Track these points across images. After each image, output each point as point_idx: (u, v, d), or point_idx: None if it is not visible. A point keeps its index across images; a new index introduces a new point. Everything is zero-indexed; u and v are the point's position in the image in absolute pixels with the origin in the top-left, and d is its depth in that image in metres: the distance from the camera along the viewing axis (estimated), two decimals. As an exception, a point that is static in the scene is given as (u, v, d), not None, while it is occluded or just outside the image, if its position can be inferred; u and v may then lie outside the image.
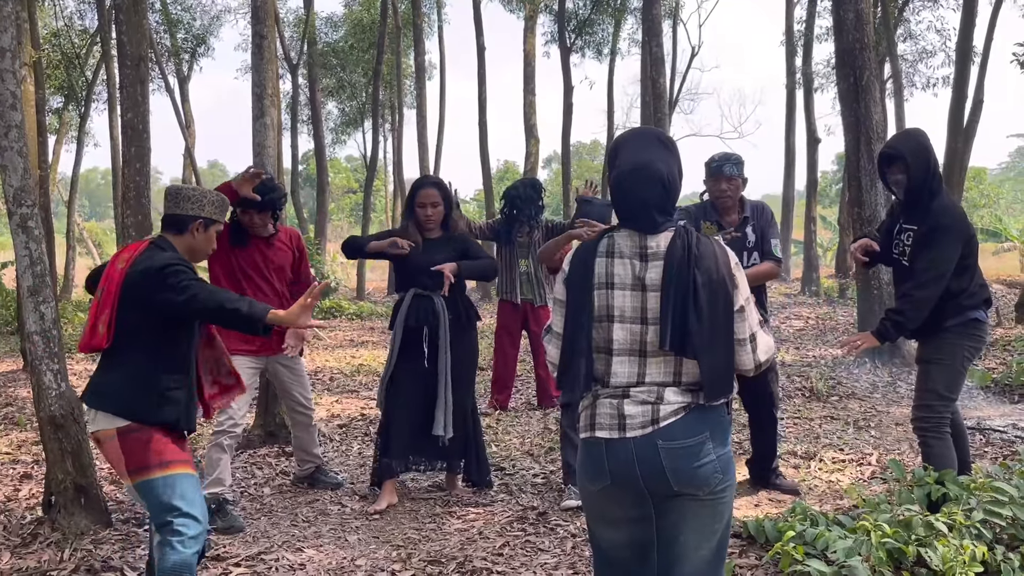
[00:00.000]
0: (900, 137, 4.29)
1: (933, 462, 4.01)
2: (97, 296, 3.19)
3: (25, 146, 4.41)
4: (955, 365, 4.06)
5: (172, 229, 3.33)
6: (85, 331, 3.22)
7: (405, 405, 4.78)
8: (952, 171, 14.77)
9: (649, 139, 2.45)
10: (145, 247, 3.25)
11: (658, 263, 2.31)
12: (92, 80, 21.20)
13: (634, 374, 2.34)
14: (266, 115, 6.43)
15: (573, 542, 4.18)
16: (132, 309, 3.13)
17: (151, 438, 3.12)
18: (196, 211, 3.31)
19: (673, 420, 2.30)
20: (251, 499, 5.02)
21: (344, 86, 26.32)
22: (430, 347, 4.77)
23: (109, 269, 3.24)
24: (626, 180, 2.36)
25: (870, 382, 8.08)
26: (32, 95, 10.57)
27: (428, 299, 4.80)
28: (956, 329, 4.03)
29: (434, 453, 4.86)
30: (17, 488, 5.27)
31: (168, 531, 3.09)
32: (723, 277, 2.29)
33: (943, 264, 3.94)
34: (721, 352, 2.30)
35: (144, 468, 3.10)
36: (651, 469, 2.29)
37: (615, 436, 2.33)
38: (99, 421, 3.15)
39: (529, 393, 7.82)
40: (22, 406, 7.69)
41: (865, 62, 8.73)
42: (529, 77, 19.33)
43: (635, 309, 2.33)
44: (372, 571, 3.90)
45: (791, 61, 20.55)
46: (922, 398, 4.11)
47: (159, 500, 3.11)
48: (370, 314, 15.81)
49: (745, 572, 3.72)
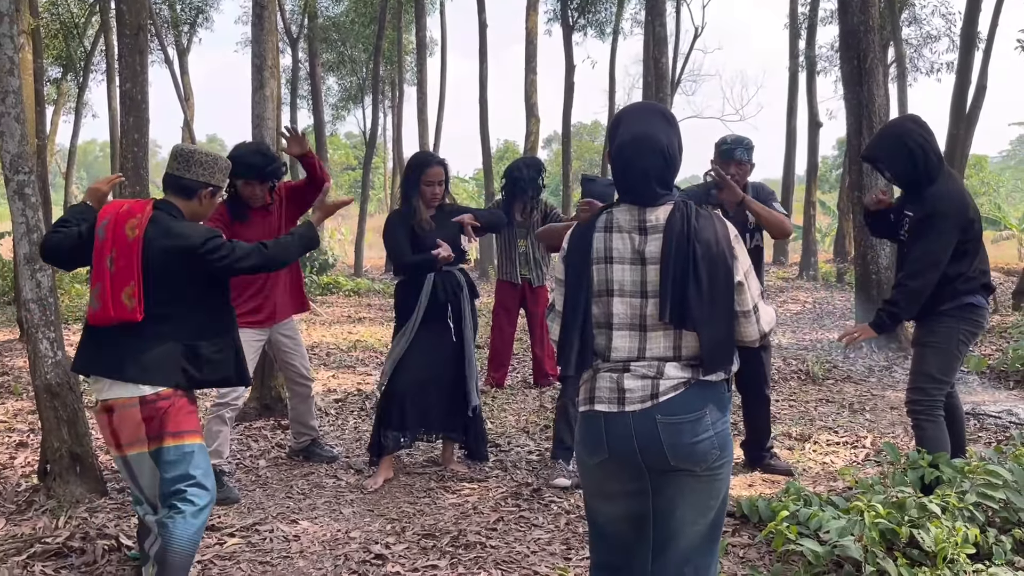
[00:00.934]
0: (875, 138, 4.27)
1: (926, 445, 4.01)
2: (108, 266, 3.08)
3: (22, 112, 4.37)
4: (950, 349, 4.05)
5: (179, 193, 3.25)
6: (101, 303, 3.08)
7: (420, 381, 4.76)
8: (953, 158, 14.75)
9: (651, 112, 2.44)
10: (153, 213, 3.15)
11: (657, 236, 2.30)
12: (91, 50, 21.07)
13: (635, 348, 2.33)
14: (265, 87, 6.39)
15: (567, 518, 4.19)
16: (169, 283, 3.09)
17: (173, 405, 3.10)
18: (207, 178, 3.25)
19: (673, 395, 2.29)
20: (246, 471, 5.04)
21: (344, 61, 26.15)
22: (455, 322, 4.81)
23: (116, 234, 3.10)
24: (627, 149, 2.35)
25: (866, 366, 8.10)
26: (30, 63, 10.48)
27: (450, 275, 4.82)
28: (952, 313, 4.01)
29: (438, 425, 4.86)
30: (13, 456, 5.28)
31: (181, 499, 3.08)
32: (723, 250, 2.28)
33: (936, 253, 3.92)
34: (721, 325, 2.29)
35: (162, 436, 3.08)
36: (649, 443, 2.29)
37: (614, 410, 2.33)
38: (115, 390, 3.10)
39: (525, 372, 7.83)
40: (18, 375, 7.69)
41: (869, 45, 8.68)
42: (531, 55, 19.17)
43: (635, 283, 2.32)
44: (366, 543, 3.91)
45: (794, 43, 20.42)
46: (916, 381, 4.12)
47: (175, 469, 3.09)
48: (367, 291, 15.80)
49: (738, 550, 3.74)
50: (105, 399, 3.13)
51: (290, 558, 3.78)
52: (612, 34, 23.03)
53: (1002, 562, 3.30)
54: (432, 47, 25.30)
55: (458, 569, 3.62)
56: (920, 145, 3.96)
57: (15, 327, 9.88)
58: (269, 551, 3.86)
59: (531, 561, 3.69)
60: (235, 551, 3.86)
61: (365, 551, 3.82)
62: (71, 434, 4.42)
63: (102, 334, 3.13)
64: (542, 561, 3.69)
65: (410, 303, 4.79)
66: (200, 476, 3.12)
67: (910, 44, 19.98)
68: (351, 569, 3.64)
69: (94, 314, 3.13)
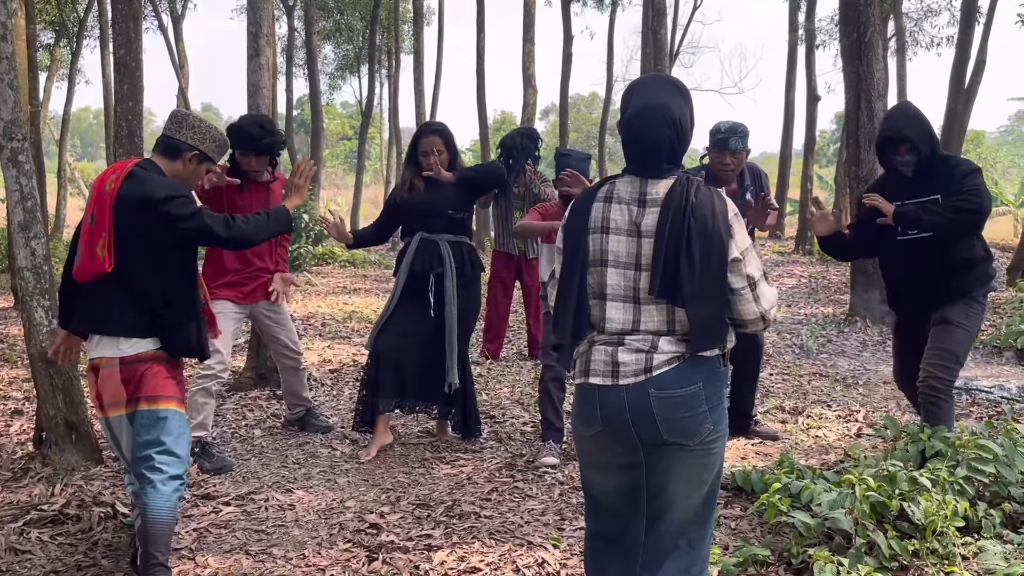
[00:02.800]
0: (899, 118, 4.12)
1: (940, 423, 3.95)
2: (88, 221, 3.13)
3: (16, 78, 4.33)
4: (974, 333, 4.08)
5: (165, 153, 3.26)
6: (81, 258, 3.15)
7: (401, 346, 4.69)
8: (951, 133, 14.69)
9: (665, 83, 2.43)
10: (132, 168, 3.17)
11: (655, 209, 2.30)
12: (84, 16, 20.79)
13: (629, 320, 2.33)
14: (261, 55, 6.33)
15: (560, 489, 4.22)
16: (136, 238, 3.09)
17: (150, 369, 3.12)
18: (195, 142, 3.26)
19: (666, 369, 2.29)
20: (241, 440, 5.05)
21: (341, 29, 25.86)
22: (436, 297, 4.71)
23: (98, 191, 3.16)
24: (638, 120, 2.33)
25: (860, 341, 8.13)
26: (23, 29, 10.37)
27: (434, 244, 4.72)
28: (981, 300, 4.07)
29: (413, 394, 4.79)
30: (8, 424, 5.29)
31: (149, 468, 3.10)
32: (718, 226, 2.26)
33: (983, 198, 3.92)
34: (710, 302, 2.28)
35: (138, 399, 3.11)
36: (642, 417, 2.30)
37: (608, 383, 2.33)
38: (102, 348, 3.14)
39: (520, 344, 7.85)
40: (13, 343, 7.69)
41: (869, 18, 8.62)
42: (529, 25, 18.97)
43: (630, 255, 2.32)
44: (361, 513, 3.94)
45: (794, 16, 20.23)
46: (942, 359, 3.99)
47: (146, 433, 3.11)
48: (363, 261, 15.78)
49: (730, 522, 3.77)
50: (91, 357, 3.20)
51: (285, 527, 3.81)
52: (611, 5, 22.81)
53: (991, 535, 3.34)
54: (429, 16, 25.05)
55: (452, 539, 3.65)
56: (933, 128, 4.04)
57: (9, 295, 9.86)
58: (264, 520, 3.88)
59: (525, 531, 3.72)
60: (230, 519, 3.89)
61: (360, 520, 3.85)
62: (66, 402, 4.42)
63: (84, 290, 3.19)
64: (535, 531, 3.72)
65: (397, 271, 4.79)
66: (170, 443, 3.13)
67: (910, 18, 19.80)
68: (346, 538, 3.67)
69: (77, 269, 3.18)
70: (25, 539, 3.60)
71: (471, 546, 3.57)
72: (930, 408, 4.03)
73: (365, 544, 3.59)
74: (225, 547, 3.60)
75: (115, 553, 3.52)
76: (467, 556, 3.47)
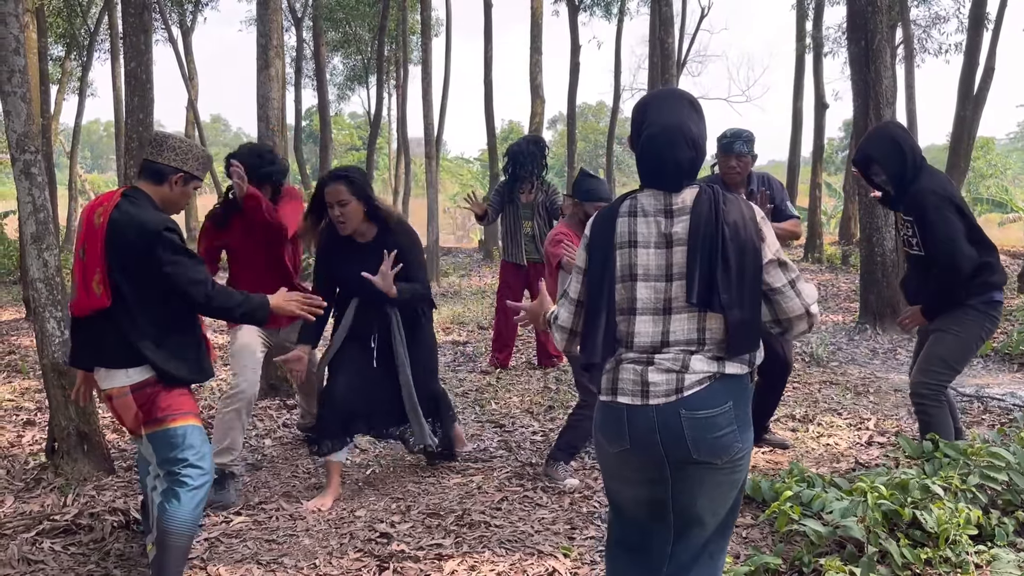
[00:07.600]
0: (869, 138, 4.23)
1: (932, 430, 4.00)
2: (80, 256, 3.12)
3: (28, 91, 4.37)
4: (969, 341, 4.05)
5: (151, 178, 3.20)
6: (77, 292, 3.14)
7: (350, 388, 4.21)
8: (960, 140, 14.67)
9: (680, 100, 2.41)
10: (119, 200, 3.13)
11: (684, 217, 2.29)
12: (95, 29, 20.97)
13: (658, 333, 2.30)
14: (271, 66, 6.37)
15: (571, 498, 4.22)
16: (127, 270, 3.06)
17: (161, 391, 3.13)
18: (179, 163, 3.20)
19: (698, 389, 2.27)
20: (252, 450, 5.07)
21: (349, 41, 26.01)
22: (379, 352, 4.24)
23: (87, 224, 3.13)
24: (658, 140, 2.32)
25: (870, 348, 8.10)
26: (35, 42, 10.47)
27: (376, 311, 4.21)
28: (979, 307, 4.02)
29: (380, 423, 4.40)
30: (20, 434, 5.32)
31: (175, 480, 3.13)
32: (750, 232, 2.26)
33: (954, 234, 3.91)
34: (748, 306, 2.26)
35: (156, 420, 3.13)
36: (672, 437, 2.27)
37: (637, 403, 2.30)
38: (111, 379, 3.14)
39: (529, 353, 7.85)
40: (25, 354, 7.73)
41: (877, 26, 8.62)
42: (536, 35, 19.04)
43: (660, 267, 2.30)
44: (371, 522, 3.94)
45: (801, 24, 20.25)
46: (928, 364, 4.08)
47: (169, 450, 3.14)
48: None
49: (741, 530, 3.76)
50: (103, 388, 3.20)
51: (296, 536, 3.81)
52: (618, 14, 22.86)
53: (1004, 544, 3.32)
54: (437, 27, 25.14)
55: (462, 548, 3.64)
56: (910, 146, 4.04)
57: (22, 306, 9.92)
58: (275, 529, 3.89)
59: (535, 540, 3.72)
60: (241, 529, 3.90)
61: (370, 529, 3.85)
62: (78, 413, 4.45)
63: (84, 324, 3.17)
64: (546, 540, 3.72)
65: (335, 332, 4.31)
66: (193, 457, 3.15)
67: (918, 25, 19.82)
68: (356, 547, 3.67)
69: (73, 304, 3.18)
70: (38, 549, 3.62)
71: (481, 555, 3.57)
72: (921, 418, 4.14)
73: (376, 553, 3.60)
74: (236, 556, 3.61)
75: (127, 563, 3.53)
76: (477, 565, 3.47)
